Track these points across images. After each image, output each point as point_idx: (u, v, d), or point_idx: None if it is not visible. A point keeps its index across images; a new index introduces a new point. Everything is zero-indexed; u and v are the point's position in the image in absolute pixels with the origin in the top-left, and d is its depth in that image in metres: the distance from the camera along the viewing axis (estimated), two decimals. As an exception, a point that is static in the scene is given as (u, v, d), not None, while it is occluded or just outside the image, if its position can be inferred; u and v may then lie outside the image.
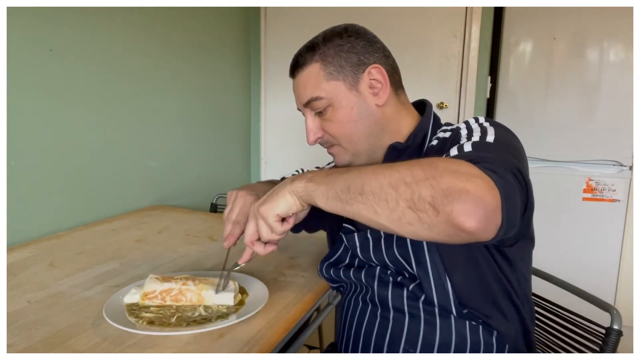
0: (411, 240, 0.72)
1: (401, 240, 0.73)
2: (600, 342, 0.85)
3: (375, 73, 0.75)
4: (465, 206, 0.46)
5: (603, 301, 0.86)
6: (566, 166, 2.11)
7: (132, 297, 0.79)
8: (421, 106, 0.84)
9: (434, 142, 0.75)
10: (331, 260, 0.88)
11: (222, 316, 0.75)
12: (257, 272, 0.96)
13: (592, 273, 2.07)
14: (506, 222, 0.49)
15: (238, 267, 0.79)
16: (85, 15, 1.39)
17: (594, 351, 0.87)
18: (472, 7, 2.05)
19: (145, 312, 0.75)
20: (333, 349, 0.95)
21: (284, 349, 0.83)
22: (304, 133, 0.80)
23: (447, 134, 0.74)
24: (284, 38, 2.38)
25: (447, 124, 0.80)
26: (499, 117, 2.21)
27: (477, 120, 0.72)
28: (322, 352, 1.00)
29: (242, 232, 0.79)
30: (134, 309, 0.77)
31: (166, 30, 1.77)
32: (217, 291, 0.79)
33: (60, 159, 1.36)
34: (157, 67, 1.74)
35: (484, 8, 2.04)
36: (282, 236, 0.67)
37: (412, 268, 0.72)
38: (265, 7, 2.37)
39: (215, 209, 1.86)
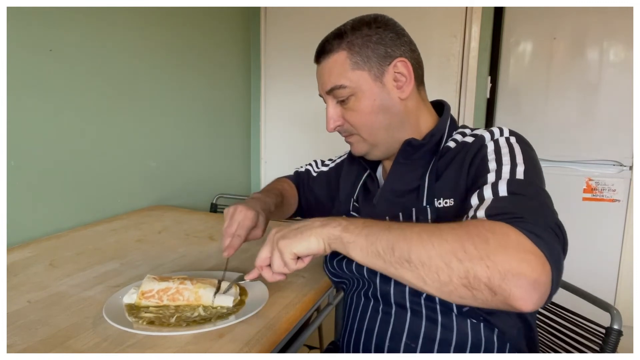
0: None
1: None
2: (600, 342, 0.85)
3: (401, 66, 0.75)
4: (523, 290, 0.48)
5: (603, 301, 0.86)
6: (566, 166, 2.11)
7: (130, 297, 0.79)
8: (439, 106, 0.84)
9: (451, 144, 0.76)
10: None
11: (222, 316, 0.75)
12: (257, 272, 0.96)
13: (592, 273, 2.07)
14: (555, 290, 0.50)
15: (243, 282, 0.79)
16: (85, 15, 1.39)
17: (594, 351, 0.87)
18: (472, 7, 2.05)
19: (145, 312, 0.75)
20: (334, 348, 0.95)
21: (284, 349, 0.83)
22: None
23: (469, 139, 0.74)
24: (284, 38, 2.38)
25: (464, 126, 0.80)
26: (499, 117, 2.21)
27: (501, 132, 0.71)
28: (322, 352, 1.00)
29: (242, 244, 0.82)
30: (134, 309, 0.77)
31: (166, 30, 1.77)
32: (215, 294, 0.79)
33: (60, 158, 1.36)
34: (157, 67, 1.74)
35: (484, 8, 2.04)
36: (292, 272, 0.66)
37: None
38: (265, 7, 2.37)
39: (215, 209, 1.86)
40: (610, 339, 0.82)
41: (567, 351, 0.93)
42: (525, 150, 0.67)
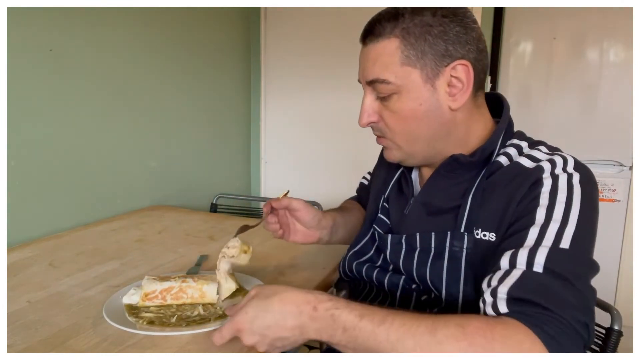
0: (448, 268, 0.66)
1: (438, 262, 0.68)
2: (600, 342, 0.85)
3: (461, 70, 0.63)
4: None
5: (603, 301, 0.85)
6: (566, 166, 2.10)
7: (130, 298, 0.79)
8: (495, 102, 0.73)
9: (502, 159, 0.66)
10: (356, 249, 0.83)
11: (222, 316, 0.75)
12: (258, 272, 0.96)
13: (592, 273, 2.06)
14: None
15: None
16: (85, 15, 1.39)
17: (594, 351, 0.87)
18: (472, 7, 2.05)
19: (145, 312, 0.75)
20: (333, 349, 0.95)
21: (284, 349, 0.83)
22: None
23: (527, 163, 0.64)
24: (284, 38, 2.38)
25: (520, 134, 0.71)
26: (499, 117, 2.21)
27: (565, 163, 0.62)
28: (322, 352, 1.00)
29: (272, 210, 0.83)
30: (134, 310, 0.77)
31: (166, 30, 1.76)
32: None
33: (60, 159, 1.36)
34: (158, 66, 1.74)
35: (484, 8, 2.04)
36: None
37: (441, 294, 0.67)
38: (265, 8, 2.37)
39: (215, 209, 1.86)
40: (610, 339, 0.82)
41: (567, 351, 0.93)
42: (585, 199, 0.58)
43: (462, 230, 0.65)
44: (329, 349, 0.96)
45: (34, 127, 1.27)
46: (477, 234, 0.63)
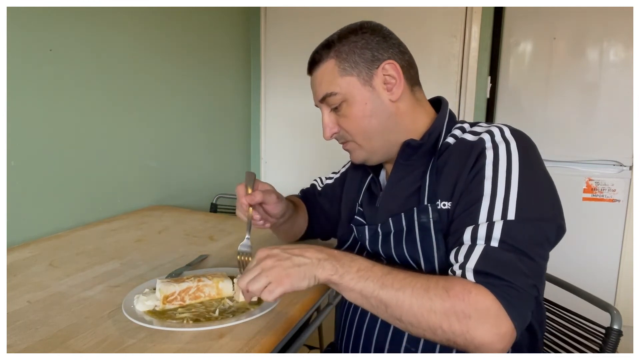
0: (420, 239, 0.73)
1: (410, 237, 0.74)
2: (600, 342, 0.85)
3: (390, 69, 0.75)
4: (491, 351, 0.59)
5: (603, 301, 0.86)
6: (566, 166, 2.11)
7: (145, 304, 0.77)
8: (437, 104, 0.84)
9: (450, 140, 0.76)
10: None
11: (256, 303, 0.78)
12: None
13: (592, 273, 2.07)
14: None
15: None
16: (85, 15, 1.39)
17: (594, 351, 0.87)
18: (472, 7, 2.05)
19: (180, 314, 0.75)
20: (333, 349, 0.95)
21: (284, 349, 0.83)
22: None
23: (469, 137, 0.73)
24: (284, 38, 2.38)
25: (462, 121, 0.80)
26: (499, 117, 2.21)
27: (502, 133, 0.71)
28: (322, 352, 1.00)
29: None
30: (162, 314, 0.75)
31: (166, 30, 1.77)
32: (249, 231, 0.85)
33: (60, 159, 1.36)
34: (158, 67, 1.74)
35: (484, 8, 2.04)
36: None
37: (420, 267, 0.73)
38: (265, 7, 2.38)
39: (215, 209, 1.86)
40: (610, 339, 0.82)
41: (567, 351, 0.93)
42: (524, 162, 0.67)
43: (425, 203, 0.74)
44: (329, 349, 0.97)
45: (34, 127, 1.27)
46: (438, 205, 0.72)
